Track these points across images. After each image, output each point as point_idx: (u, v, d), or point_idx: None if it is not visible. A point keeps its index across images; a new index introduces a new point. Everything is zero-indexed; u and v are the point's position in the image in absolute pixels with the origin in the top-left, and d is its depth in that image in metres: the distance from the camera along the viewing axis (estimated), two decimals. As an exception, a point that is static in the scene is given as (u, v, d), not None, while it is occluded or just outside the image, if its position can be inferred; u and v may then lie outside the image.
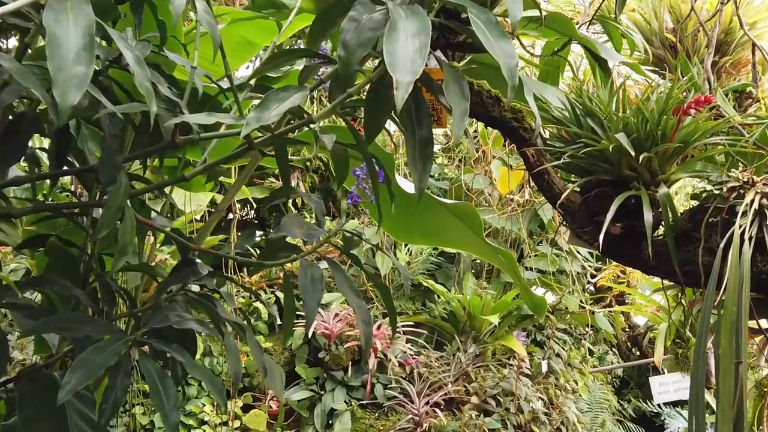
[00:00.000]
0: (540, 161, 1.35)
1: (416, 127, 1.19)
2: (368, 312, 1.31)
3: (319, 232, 1.33)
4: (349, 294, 1.31)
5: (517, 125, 1.35)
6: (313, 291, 1.26)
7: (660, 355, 2.42)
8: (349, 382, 3.87)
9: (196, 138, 1.24)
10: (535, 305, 2.05)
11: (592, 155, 1.32)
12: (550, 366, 4.12)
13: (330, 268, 1.34)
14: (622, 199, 1.26)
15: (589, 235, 1.34)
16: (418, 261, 4.32)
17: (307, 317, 1.21)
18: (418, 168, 1.17)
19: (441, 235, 2.00)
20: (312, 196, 1.40)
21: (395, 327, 1.38)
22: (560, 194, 1.34)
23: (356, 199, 1.37)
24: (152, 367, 1.15)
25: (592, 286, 4.92)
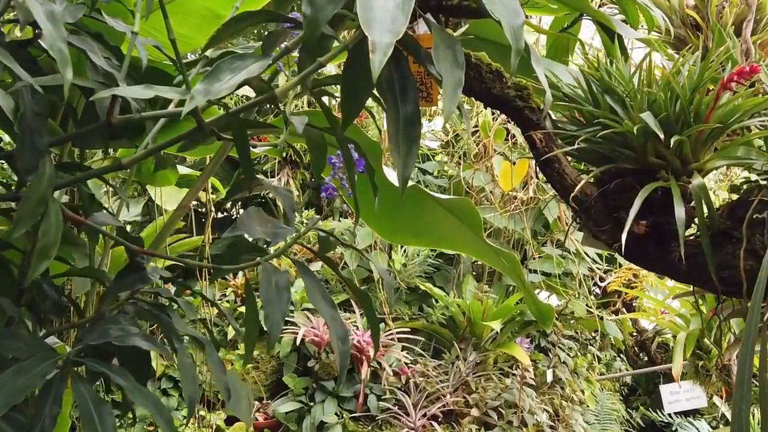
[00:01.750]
0: (549, 147, 1.16)
1: (400, 102, 1.00)
2: (344, 326, 1.12)
3: (286, 231, 1.15)
4: (322, 304, 1.13)
5: (523, 104, 1.16)
6: (278, 301, 1.08)
7: (678, 368, 2.23)
8: (341, 392, 3.71)
9: (136, 117, 1.06)
10: (541, 313, 1.87)
11: (612, 139, 1.13)
12: (555, 375, 3.94)
13: (299, 274, 1.15)
14: (648, 191, 1.07)
15: (607, 234, 1.15)
16: (415, 263, 4.14)
17: (270, 332, 1.04)
18: (401, 152, 0.98)
19: (435, 235, 1.81)
20: (279, 189, 1.21)
21: (378, 341, 1.19)
22: (573, 186, 1.15)
23: (332, 191, 1.19)
24: (86, 391, 0.97)
25: (598, 289, 4.75)
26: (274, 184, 4.38)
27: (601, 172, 1.15)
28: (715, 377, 2.29)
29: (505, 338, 4.01)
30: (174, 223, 1.62)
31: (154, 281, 1.18)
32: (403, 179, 0.97)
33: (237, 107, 1.03)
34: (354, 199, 1.10)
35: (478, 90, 1.17)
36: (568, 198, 1.15)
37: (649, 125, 1.04)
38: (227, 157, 5.01)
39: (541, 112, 1.16)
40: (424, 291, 4.20)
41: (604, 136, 1.12)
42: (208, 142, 1.37)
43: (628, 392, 5.68)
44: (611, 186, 1.13)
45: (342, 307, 4.11)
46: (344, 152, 1.06)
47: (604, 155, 1.15)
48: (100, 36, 1.20)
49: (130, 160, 1.04)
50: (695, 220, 1.11)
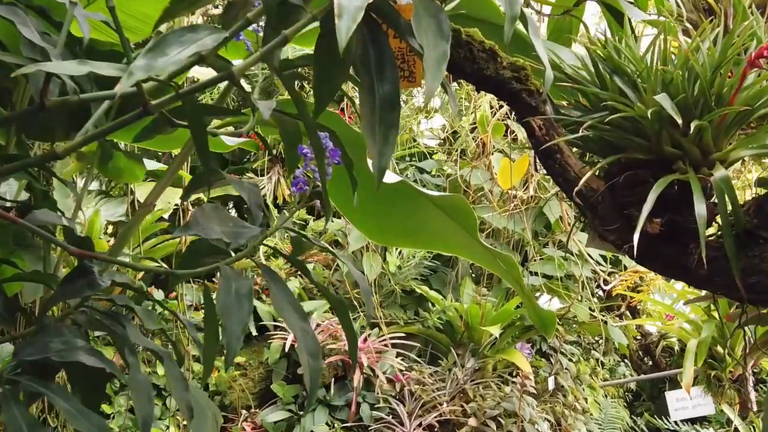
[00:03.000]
0: (550, 135, 1.03)
1: (376, 81, 0.88)
2: (316, 341, 1.00)
3: (250, 231, 1.02)
4: (291, 315, 1.01)
5: (520, 87, 1.04)
6: (239, 311, 0.96)
7: (689, 378, 2.10)
8: (332, 401, 3.57)
9: (73, 99, 0.93)
10: (541, 320, 1.74)
11: (621, 126, 1.00)
12: (557, 382, 3.82)
13: (266, 280, 1.03)
14: (664, 185, 0.95)
15: (616, 234, 1.02)
16: (411, 265, 4.02)
17: (228, 347, 0.92)
18: (377, 139, 0.86)
19: (426, 236, 1.69)
20: (244, 183, 1.09)
21: (356, 355, 1.06)
22: (577, 179, 1.02)
23: (303, 185, 1.07)
24: (20, 414, 0.85)
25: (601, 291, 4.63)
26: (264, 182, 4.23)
27: (609, 163, 1.02)
28: (729, 388, 2.16)
29: (504, 344, 3.88)
30: (137, 222, 1.49)
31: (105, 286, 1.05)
32: (379, 170, 0.85)
33: (188, 87, 0.90)
34: (324, 194, 0.98)
35: (469, 71, 1.04)
36: (571, 193, 1.03)
37: (665, 108, 0.91)
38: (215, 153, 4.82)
39: (540, 95, 1.04)
40: (420, 294, 4.08)
41: (613, 123, 0.99)
42: (166, 131, 1.24)
43: (632, 398, 5.57)
44: (621, 179, 1.01)
45: (331, 312, 3.99)
46: (313, 140, 0.94)
47: (613, 144, 1.03)
48: (43, 11, 1.08)
49: (66, 149, 0.91)
50: (717, 218, 0.98)
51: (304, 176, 1.06)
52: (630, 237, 0.99)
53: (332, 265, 4.12)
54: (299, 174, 1.04)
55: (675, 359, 5.41)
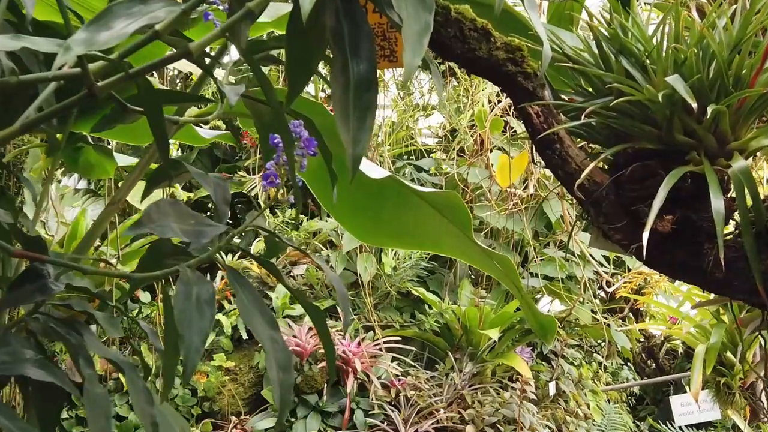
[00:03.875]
0: (548, 122, 0.94)
1: (351, 59, 0.78)
2: (287, 352, 0.90)
3: (214, 229, 0.92)
4: (259, 324, 0.92)
5: (515, 69, 0.94)
6: (199, 319, 0.86)
7: (698, 386, 2.01)
8: (325, 407, 3.48)
9: (12, 81, 0.83)
10: (541, 326, 1.65)
11: (628, 112, 0.91)
12: (558, 387, 3.72)
13: (232, 284, 0.93)
14: (676, 178, 0.85)
15: (622, 233, 0.93)
16: (407, 266, 3.92)
17: (186, 360, 0.83)
18: (351, 123, 0.77)
19: (416, 235, 1.59)
20: (209, 177, 0.99)
21: (333, 368, 0.97)
22: (579, 172, 0.93)
23: (274, 179, 0.97)
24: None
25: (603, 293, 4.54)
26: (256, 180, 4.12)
27: (615, 154, 0.93)
28: (739, 396, 2.07)
29: (504, 348, 3.79)
30: (105, 221, 1.40)
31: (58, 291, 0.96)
32: (353, 160, 0.75)
33: (139, 67, 0.80)
34: (295, 189, 0.88)
35: (459, 52, 0.95)
36: (572, 187, 0.93)
37: (678, 91, 0.82)
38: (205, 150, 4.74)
39: (538, 79, 0.94)
40: (416, 296, 3.99)
41: (618, 108, 0.90)
42: (126, 119, 1.15)
43: (635, 402, 5.48)
44: (627, 172, 0.91)
45: (328, 313, 3.90)
46: (280, 128, 0.84)
47: (618, 133, 0.94)
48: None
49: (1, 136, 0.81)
50: (735, 214, 0.89)
51: (280, 169, 0.96)
52: (638, 236, 0.90)
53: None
54: (270, 167, 0.94)
55: (679, 362, 5.33)
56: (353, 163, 0.74)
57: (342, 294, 0.90)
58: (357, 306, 3.92)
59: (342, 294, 0.90)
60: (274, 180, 0.94)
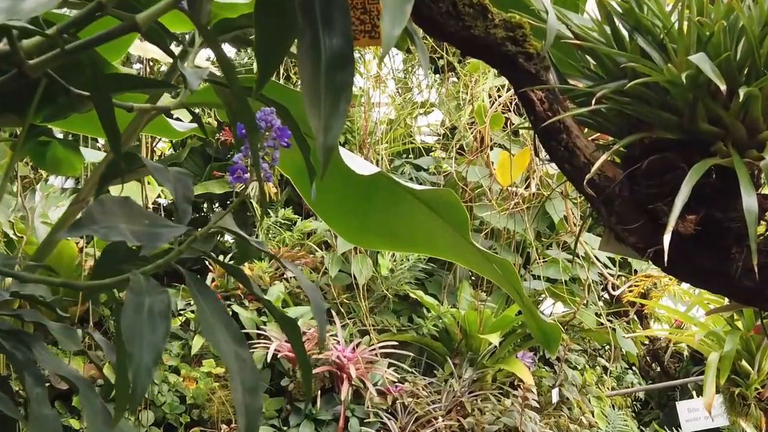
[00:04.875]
0: (553, 109, 0.83)
1: (322, 31, 0.68)
2: (255, 373, 0.80)
3: (171, 231, 0.82)
4: (222, 338, 0.81)
5: (516, 50, 0.84)
6: (151, 334, 0.77)
7: (711, 397, 1.90)
8: (318, 415, 3.39)
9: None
10: (544, 334, 1.54)
11: (644, 97, 0.80)
12: (561, 394, 3.63)
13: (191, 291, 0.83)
14: (701, 172, 0.75)
15: (637, 235, 0.82)
16: (404, 267, 3.82)
17: (134, 382, 0.73)
18: (323, 108, 0.67)
19: (409, 236, 1.49)
20: (168, 171, 0.89)
21: (310, 388, 0.86)
22: (588, 165, 0.82)
23: (242, 174, 0.87)
24: None
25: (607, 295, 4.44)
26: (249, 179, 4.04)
27: (629, 145, 0.82)
28: (754, 408, 1.96)
29: (504, 353, 3.70)
30: (67, 222, 1.29)
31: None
32: (325, 150, 0.65)
33: (76, 42, 0.70)
34: (259, 182, 0.78)
35: (452, 30, 0.84)
36: (581, 183, 0.83)
37: (704, 71, 0.71)
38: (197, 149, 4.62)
39: (542, 60, 0.84)
40: (414, 299, 3.89)
41: (633, 92, 0.79)
42: (82, 108, 1.04)
43: (640, 407, 5.39)
44: (643, 165, 0.81)
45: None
46: (243, 114, 0.74)
47: (633, 121, 0.83)
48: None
49: None
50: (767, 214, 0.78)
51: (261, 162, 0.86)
52: (655, 238, 0.79)
53: (320, 269, 3.92)
54: (238, 160, 0.84)
55: (684, 365, 5.24)
56: (324, 153, 0.64)
57: (318, 305, 0.80)
58: (352, 309, 3.82)
59: (318, 305, 0.80)
60: (242, 175, 0.84)
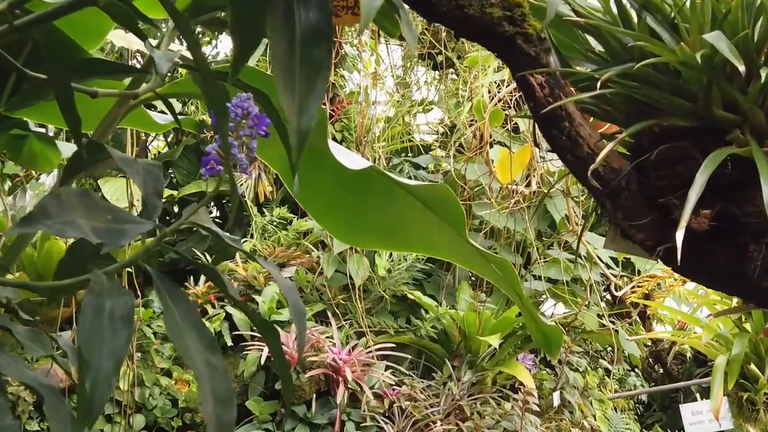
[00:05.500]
0: (555, 95, 0.77)
1: (297, 3, 0.62)
2: (227, 382, 0.74)
3: (136, 228, 0.76)
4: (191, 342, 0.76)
5: (514, 30, 0.77)
6: (112, 339, 0.71)
7: (718, 403, 1.84)
8: (314, 419, 3.33)
9: None
10: (546, 338, 1.48)
11: (654, 81, 0.74)
12: (563, 397, 3.56)
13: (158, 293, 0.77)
14: (717, 162, 0.69)
15: (646, 232, 0.76)
16: (402, 267, 3.76)
17: (91, 392, 0.68)
18: (297, 87, 0.61)
19: (403, 234, 1.43)
20: (137, 163, 0.83)
21: (290, 396, 0.80)
22: (592, 155, 0.76)
23: (215, 165, 0.81)
24: None
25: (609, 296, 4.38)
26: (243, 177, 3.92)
27: (637, 133, 0.76)
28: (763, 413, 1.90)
29: (505, 355, 3.65)
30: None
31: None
32: (299, 133, 0.59)
33: (27, 17, 0.64)
34: (230, 178, 0.72)
35: (444, 10, 0.78)
36: (585, 175, 0.76)
37: (720, 51, 0.65)
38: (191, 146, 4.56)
39: (542, 42, 0.77)
40: (412, 300, 3.83)
41: (643, 75, 0.73)
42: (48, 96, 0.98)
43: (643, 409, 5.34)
44: (653, 155, 0.75)
45: (318, 318, 3.74)
46: (212, 97, 0.67)
47: (641, 108, 0.77)
48: None
49: None
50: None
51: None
52: (666, 235, 0.73)
53: (316, 269, 3.86)
54: (211, 150, 0.77)
55: (688, 367, 5.18)
56: (299, 138, 0.58)
57: (297, 308, 0.73)
58: (349, 311, 3.76)
59: (297, 308, 0.73)
60: (215, 166, 0.77)
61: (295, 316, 0.73)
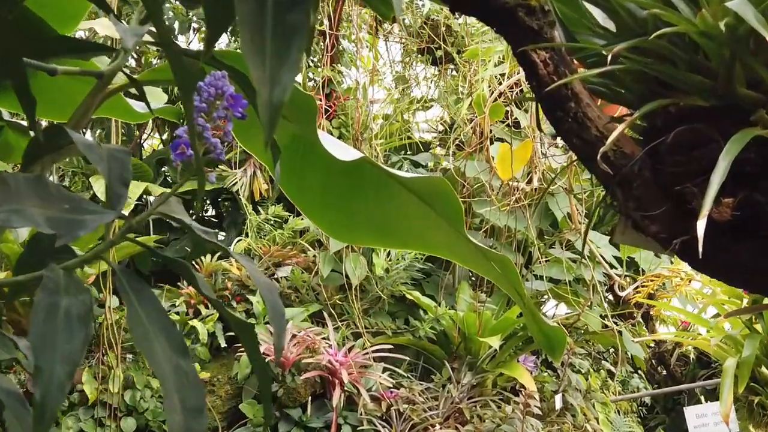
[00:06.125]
0: (560, 72, 0.70)
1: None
2: (198, 388, 0.69)
3: (96, 218, 0.70)
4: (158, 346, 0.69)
5: (515, 2, 0.71)
6: (67, 341, 0.66)
7: (728, 406, 1.77)
8: (309, 422, 3.28)
9: None
10: (548, 340, 1.42)
11: (670, 56, 0.67)
12: (565, 400, 3.50)
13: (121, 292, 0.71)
14: (742, 144, 0.62)
15: (660, 224, 0.69)
16: (400, 267, 3.69)
17: (44, 398, 0.62)
18: (268, 54, 0.54)
19: (398, 231, 1.36)
20: (101, 148, 0.76)
21: (269, 403, 0.73)
22: (601, 139, 0.69)
23: (186, 150, 0.75)
24: None
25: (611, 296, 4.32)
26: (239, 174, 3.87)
27: (651, 114, 0.69)
28: (775, 417, 1.83)
29: (505, 356, 3.60)
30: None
31: None
32: (270, 108, 0.52)
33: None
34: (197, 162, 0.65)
35: (439, -20, 0.71)
36: (593, 161, 0.70)
37: (746, 19, 0.58)
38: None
39: (546, 14, 0.71)
40: (410, 301, 3.78)
41: (656, 50, 0.66)
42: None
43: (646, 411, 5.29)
44: (669, 138, 0.68)
45: (314, 318, 3.67)
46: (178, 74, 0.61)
47: (654, 89, 0.70)
48: None
49: None
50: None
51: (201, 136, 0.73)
52: (682, 227, 0.67)
53: (313, 268, 3.79)
54: (182, 133, 0.71)
55: (691, 368, 5.14)
56: (269, 112, 0.51)
57: (275, 309, 0.67)
58: (345, 311, 3.70)
59: (275, 309, 0.67)
60: (185, 151, 0.71)
61: (273, 318, 0.66)
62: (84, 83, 1.07)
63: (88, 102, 1.12)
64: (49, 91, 1.31)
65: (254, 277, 0.69)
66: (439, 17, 4.29)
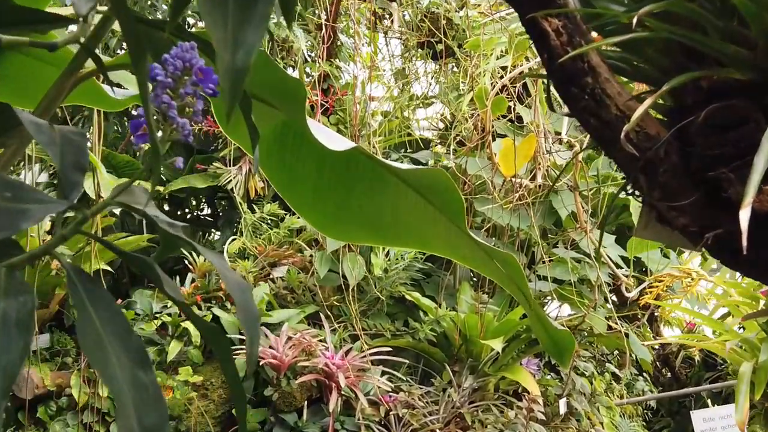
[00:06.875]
0: (574, 42, 0.62)
1: None
2: (160, 403, 0.60)
3: (44, 209, 0.62)
4: (113, 356, 0.61)
5: (522, -37, 0.63)
6: (5, 351, 0.57)
7: (745, 414, 1.69)
8: (305, 427, 3.21)
9: None
10: (555, 344, 1.34)
11: (697, 21, 0.59)
12: (569, 405, 3.43)
13: (71, 294, 0.63)
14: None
15: (690, 215, 0.61)
16: (399, 267, 3.62)
17: None
18: (232, 11, 0.45)
19: (394, 227, 1.28)
20: (55, 129, 0.69)
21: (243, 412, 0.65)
22: (622, 118, 0.61)
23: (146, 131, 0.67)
24: None
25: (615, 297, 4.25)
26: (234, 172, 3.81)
27: (679, 92, 0.61)
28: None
29: (508, 359, 3.53)
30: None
31: None
32: (233, 73, 0.44)
33: None
34: (153, 144, 0.57)
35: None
36: (613, 144, 0.62)
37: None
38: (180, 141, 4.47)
39: (559, -23, 0.63)
40: (410, 302, 3.71)
41: (684, 15, 0.58)
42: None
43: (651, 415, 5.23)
44: (700, 118, 0.60)
45: (310, 320, 3.60)
46: (130, 43, 0.53)
47: (682, 60, 0.62)
48: None
49: None
50: None
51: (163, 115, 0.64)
52: (716, 219, 0.59)
53: (309, 268, 3.72)
54: (142, 113, 0.63)
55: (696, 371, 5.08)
56: (231, 78, 0.43)
57: (247, 311, 0.59)
58: (343, 312, 3.63)
59: (247, 311, 0.59)
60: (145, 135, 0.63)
61: (245, 321, 0.58)
62: (58, 69, 0.99)
63: (57, 86, 1.04)
64: (21, 78, 1.23)
65: (223, 274, 0.61)
66: (440, 10, 4.22)
